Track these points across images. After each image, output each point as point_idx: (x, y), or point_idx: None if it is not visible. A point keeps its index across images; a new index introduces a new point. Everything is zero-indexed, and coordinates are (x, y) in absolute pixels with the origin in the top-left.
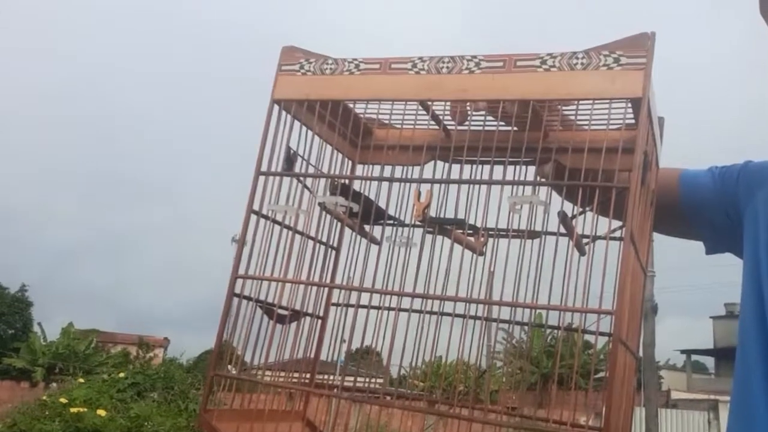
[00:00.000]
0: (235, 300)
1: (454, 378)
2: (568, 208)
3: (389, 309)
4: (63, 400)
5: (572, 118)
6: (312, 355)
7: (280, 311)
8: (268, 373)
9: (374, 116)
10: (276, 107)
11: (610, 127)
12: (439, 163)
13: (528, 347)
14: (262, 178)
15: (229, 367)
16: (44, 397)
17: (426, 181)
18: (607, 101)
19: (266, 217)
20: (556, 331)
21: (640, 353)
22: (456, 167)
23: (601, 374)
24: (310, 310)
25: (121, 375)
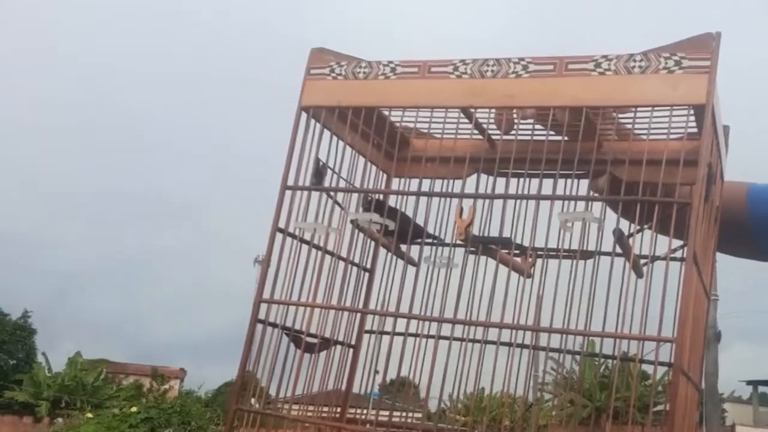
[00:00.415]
0: (259, 327)
1: (498, 412)
2: (625, 225)
3: (428, 336)
4: None
5: (629, 126)
6: (343, 387)
7: (309, 339)
8: (295, 406)
9: (412, 125)
10: (304, 115)
11: (671, 136)
12: (483, 177)
13: (579, 378)
14: (288, 193)
15: (253, 400)
16: None
17: (469, 196)
18: (668, 108)
19: (293, 236)
20: (610, 360)
21: (702, 385)
22: (501, 181)
23: (660, 407)
24: (340, 338)
25: (134, 409)
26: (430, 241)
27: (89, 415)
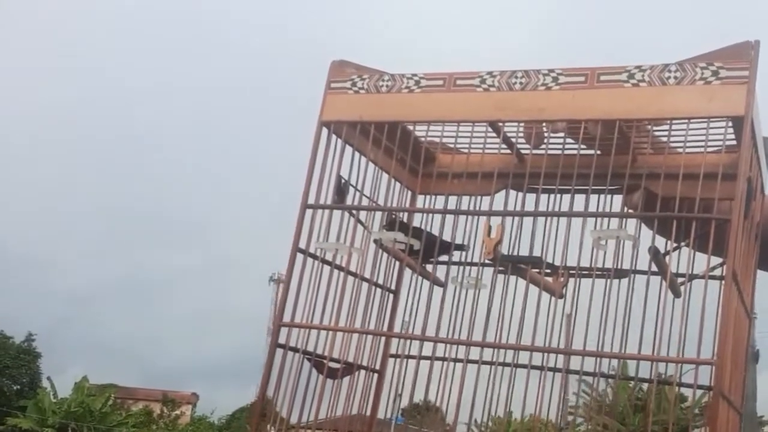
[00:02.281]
0: (279, 351)
1: None
2: (661, 242)
3: (455, 360)
4: None
5: (664, 139)
6: (367, 413)
7: (331, 364)
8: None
9: (437, 139)
10: (325, 130)
11: (708, 149)
12: (512, 193)
13: (613, 401)
14: (309, 212)
15: (270, 428)
16: None
17: (497, 213)
18: (705, 120)
19: (314, 257)
20: (645, 382)
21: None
22: (531, 197)
23: (697, 431)
24: (364, 363)
25: None
26: (457, 260)
27: None
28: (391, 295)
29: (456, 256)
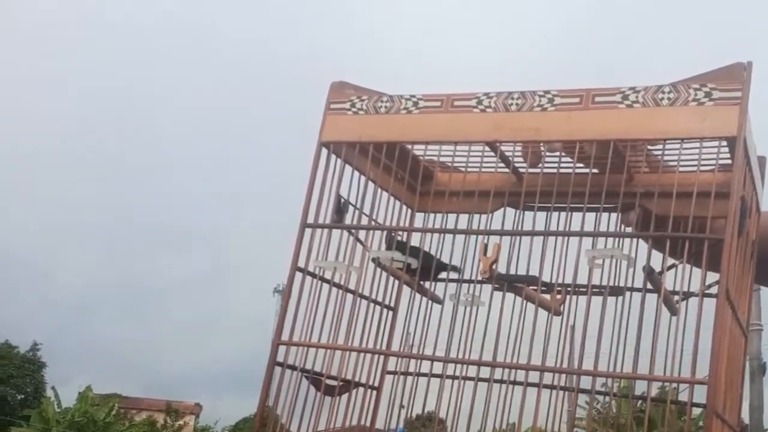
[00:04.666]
0: (278, 369)
1: None
2: (657, 260)
3: (452, 378)
4: None
5: (659, 158)
6: (366, 426)
7: (329, 382)
8: None
9: (435, 158)
10: (324, 150)
11: (702, 168)
12: (509, 211)
13: (616, 415)
14: (308, 231)
15: None
16: None
17: (494, 232)
18: (698, 140)
19: (313, 275)
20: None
21: (747, 420)
22: (528, 215)
23: None
24: (363, 380)
25: None
26: (454, 278)
27: None
28: (390, 313)
29: (453, 273)
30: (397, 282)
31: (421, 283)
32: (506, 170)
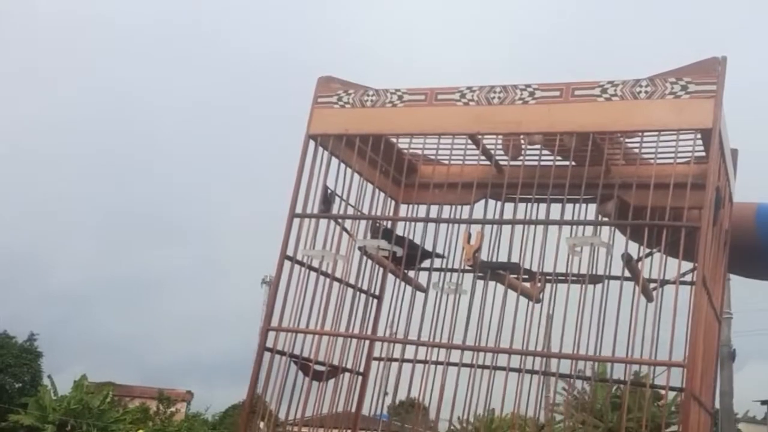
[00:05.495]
0: (267, 354)
1: None
2: (634, 249)
3: (437, 363)
4: None
5: (636, 151)
6: (353, 410)
7: (317, 367)
8: (304, 429)
9: (419, 151)
10: (312, 143)
11: (678, 160)
12: (491, 202)
13: (591, 399)
14: (296, 221)
15: (261, 424)
16: None
17: (476, 221)
18: (675, 133)
19: (301, 263)
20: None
21: (717, 404)
22: (509, 206)
23: (673, 428)
24: (349, 365)
25: None
26: (438, 267)
27: None
28: (375, 300)
29: (437, 262)
30: (382, 270)
31: (406, 272)
32: (488, 163)
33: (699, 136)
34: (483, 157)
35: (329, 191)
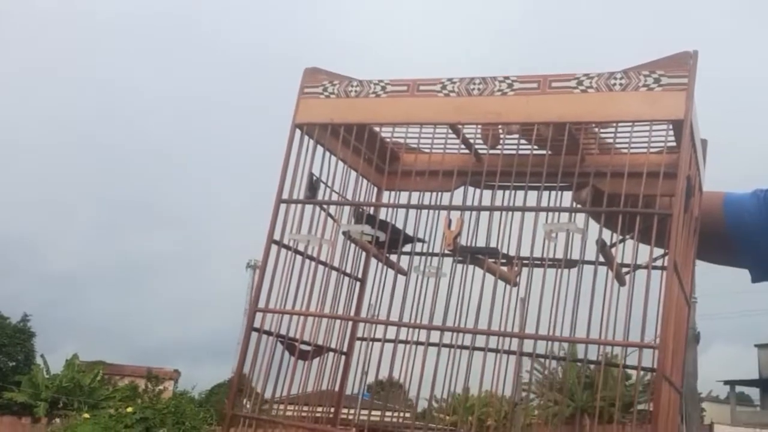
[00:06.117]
0: (254, 334)
1: (483, 411)
2: (607, 235)
3: (418, 343)
4: None
5: (611, 141)
6: (336, 391)
7: (303, 347)
8: (289, 407)
9: (402, 140)
10: (298, 132)
11: (651, 150)
12: (471, 189)
13: (563, 379)
14: (283, 206)
15: (245, 401)
16: None
17: (456, 208)
18: (648, 123)
19: (287, 247)
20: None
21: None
22: (488, 193)
23: (642, 407)
24: (333, 345)
25: (129, 410)
26: (419, 251)
27: (86, 415)
28: (358, 283)
29: (418, 247)
30: (365, 254)
31: (388, 256)
32: (468, 152)
33: (671, 127)
34: (463, 146)
35: (315, 178)
